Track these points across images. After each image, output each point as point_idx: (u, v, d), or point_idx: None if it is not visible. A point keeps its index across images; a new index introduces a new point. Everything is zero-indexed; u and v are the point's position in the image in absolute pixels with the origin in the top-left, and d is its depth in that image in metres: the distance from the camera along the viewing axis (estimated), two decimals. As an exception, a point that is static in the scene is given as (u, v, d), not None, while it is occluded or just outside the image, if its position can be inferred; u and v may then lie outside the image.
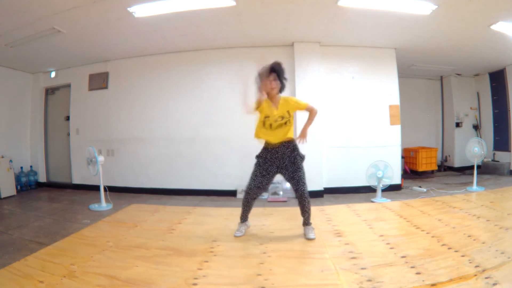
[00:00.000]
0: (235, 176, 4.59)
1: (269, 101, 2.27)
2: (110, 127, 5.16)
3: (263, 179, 2.32)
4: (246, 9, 3.41)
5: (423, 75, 6.74)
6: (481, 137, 6.24)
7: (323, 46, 4.57)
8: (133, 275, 1.78)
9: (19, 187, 5.14)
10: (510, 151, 5.91)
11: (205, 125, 4.78)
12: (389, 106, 4.78)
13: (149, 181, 4.97)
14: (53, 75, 5.62)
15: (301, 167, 2.32)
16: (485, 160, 6.01)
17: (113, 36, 4.09)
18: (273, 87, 2.21)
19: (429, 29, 3.94)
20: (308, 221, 2.36)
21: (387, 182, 4.13)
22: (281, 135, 2.30)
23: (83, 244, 2.32)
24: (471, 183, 4.78)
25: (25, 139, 5.66)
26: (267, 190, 4.14)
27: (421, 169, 6.20)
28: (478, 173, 4.82)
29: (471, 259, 1.83)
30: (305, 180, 2.31)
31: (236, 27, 3.90)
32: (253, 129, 2.44)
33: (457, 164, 6.65)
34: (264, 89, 2.19)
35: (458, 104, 6.71)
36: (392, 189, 4.48)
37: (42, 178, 5.69)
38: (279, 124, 2.27)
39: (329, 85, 4.68)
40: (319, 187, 4.50)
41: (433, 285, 1.58)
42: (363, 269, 1.79)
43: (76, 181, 5.42)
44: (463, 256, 1.89)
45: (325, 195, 4.51)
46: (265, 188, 2.39)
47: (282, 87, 2.28)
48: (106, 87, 5.17)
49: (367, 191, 4.42)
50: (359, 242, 2.22)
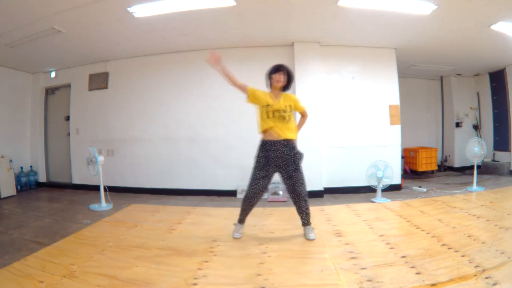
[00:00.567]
0: (235, 176, 4.59)
1: (271, 94, 2.34)
2: (110, 127, 5.16)
3: (265, 181, 2.31)
4: (246, 9, 3.41)
5: (423, 75, 6.74)
6: (481, 137, 6.24)
7: (323, 46, 4.57)
8: (133, 275, 1.79)
9: (19, 187, 5.14)
10: (510, 151, 5.91)
11: (205, 125, 4.78)
12: (389, 106, 4.78)
13: (149, 181, 4.97)
14: (53, 75, 5.62)
15: (300, 167, 2.32)
16: (485, 160, 6.01)
17: (113, 36, 4.09)
18: (279, 80, 2.30)
19: (429, 29, 3.94)
20: (307, 221, 2.35)
21: (387, 182, 4.13)
22: (284, 129, 2.28)
23: (83, 244, 2.32)
24: (471, 183, 4.78)
25: (25, 139, 5.66)
26: (267, 190, 4.14)
27: (421, 169, 6.20)
28: (478, 173, 4.82)
29: (471, 259, 1.83)
30: (303, 180, 2.30)
31: (236, 27, 3.90)
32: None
33: (457, 164, 6.65)
34: (270, 82, 2.33)
35: (458, 104, 6.71)
36: (392, 189, 4.48)
37: (42, 178, 5.69)
38: (281, 115, 2.27)
39: (329, 85, 4.68)
40: (319, 187, 4.50)
41: (433, 285, 1.58)
42: (363, 269, 1.79)
43: (76, 181, 5.42)
44: (463, 256, 1.89)
45: (325, 195, 4.51)
46: (267, 189, 2.39)
47: (286, 86, 2.37)
48: (106, 87, 5.17)
49: (367, 191, 4.42)
50: (359, 242, 2.22)
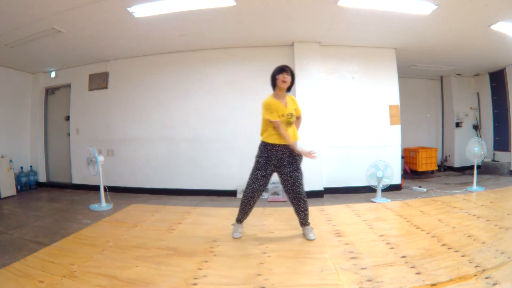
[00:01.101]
0: (235, 176, 4.59)
1: (278, 101, 2.29)
2: (110, 127, 5.16)
3: (264, 181, 2.31)
4: (246, 9, 3.41)
5: (423, 75, 6.74)
6: (481, 137, 6.24)
7: (323, 46, 4.57)
8: (133, 275, 1.79)
9: (19, 187, 5.14)
10: (510, 151, 5.91)
11: (205, 125, 4.78)
12: (389, 106, 4.78)
13: (149, 181, 4.96)
14: (53, 75, 5.62)
15: (300, 167, 2.32)
16: (485, 160, 6.01)
17: (113, 36, 4.09)
18: (285, 81, 2.28)
19: (429, 29, 3.94)
20: (305, 221, 2.35)
21: (387, 182, 4.13)
22: (290, 134, 2.29)
23: (83, 244, 2.32)
24: (471, 183, 4.78)
25: (25, 139, 5.66)
26: (266, 190, 4.15)
27: (421, 169, 6.20)
28: (478, 173, 4.82)
29: (471, 259, 1.83)
30: (302, 180, 2.30)
31: (236, 27, 3.90)
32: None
33: (457, 164, 6.65)
34: (276, 83, 2.29)
35: (458, 104, 6.70)
36: (392, 189, 4.48)
37: (42, 178, 5.69)
38: (288, 121, 2.28)
39: (329, 85, 4.68)
40: (319, 187, 4.50)
41: (433, 285, 1.58)
42: (363, 269, 1.79)
43: (76, 181, 5.42)
44: (463, 256, 1.89)
45: (325, 195, 4.51)
46: (265, 189, 2.38)
47: (290, 86, 2.35)
48: (106, 87, 5.17)
49: (367, 191, 4.42)
50: (359, 242, 2.22)
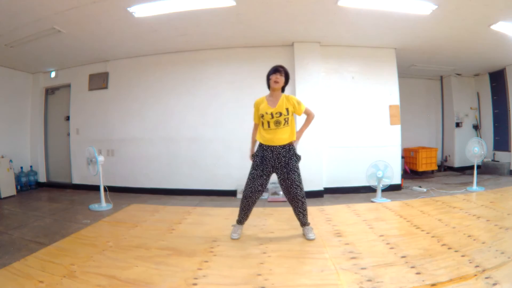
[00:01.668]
0: (235, 176, 4.59)
1: (265, 101, 2.30)
2: (110, 127, 5.16)
3: (261, 180, 2.30)
4: (246, 9, 3.41)
5: (423, 75, 6.74)
6: (481, 137, 6.24)
7: (323, 46, 4.57)
8: (133, 275, 1.79)
9: (19, 187, 5.14)
10: (510, 151, 5.91)
11: (205, 125, 4.78)
12: (389, 106, 4.78)
13: (149, 181, 4.97)
14: (53, 75, 5.62)
15: (296, 168, 2.29)
16: (485, 160, 6.01)
17: (113, 36, 4.09)
18: (277, 81, 2.26)
19: (429, 29, 3.94)
20: (304, 222, 2.35)
21: (387, 182, 4.13)
22: (280, 135, 2.25)
23: (83, 244, 2.32)
24: (471, 183, 4.78)
25: (25, 139, 5.66)
26: (266, 190, 4.15)
27: (421, 169, 6.20)
28: (478, 173, 4.82)
29: (471, 259, 1.83)
30: (299, 181, 2.28)
31: (236, 27, 3.90)
32: (251, 129, 2.46)
33: (457, 164, 6.65)
34: (270, 83, 2.29)
35: (458, 104, 6.71)
36: (392, 189, 4.48)
37: (42, 178, 5.69)
38: (276, 120, 2.23)
39: (329, 85, 4.68)
40: (319, 187, 4.50)
41: (433, 285, 1.58)
42: (363, 269, 1.79)
43: (76, 181, 5.42)
44: (463, 256, 1.89)
45: (325, 195, 4.51)
46: (264, 189, 2.37)
47: (284, 87, 2.34)
48: (106, 87, 5.17)
49: (367, 191, 4.42)
50: (359, 242, 2.22)
